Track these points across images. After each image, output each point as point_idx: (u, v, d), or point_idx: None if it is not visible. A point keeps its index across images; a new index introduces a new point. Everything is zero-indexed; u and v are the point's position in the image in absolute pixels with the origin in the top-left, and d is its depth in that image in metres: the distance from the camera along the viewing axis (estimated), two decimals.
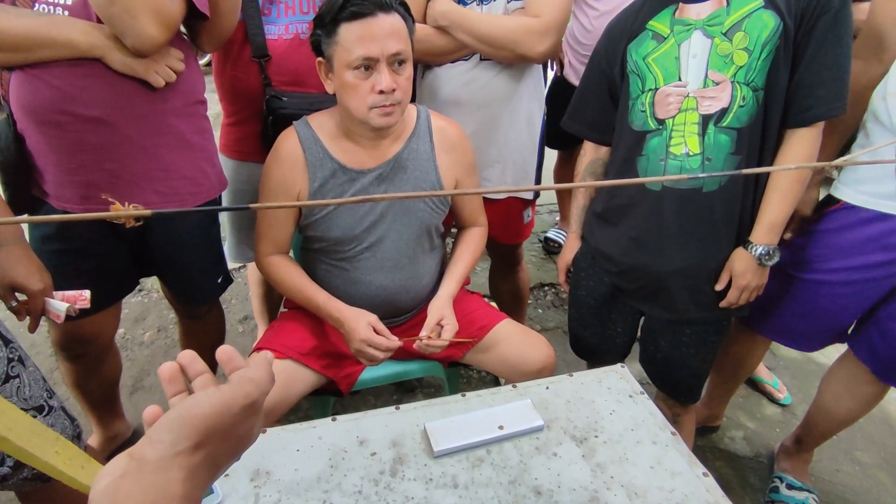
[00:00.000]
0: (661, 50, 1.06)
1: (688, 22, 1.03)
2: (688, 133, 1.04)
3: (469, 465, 0.85)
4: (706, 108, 1.03)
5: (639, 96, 1.09)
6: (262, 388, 0.44)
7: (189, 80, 1.13)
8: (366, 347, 1.14)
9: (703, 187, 1.06)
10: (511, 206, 1.55)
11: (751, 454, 1.71)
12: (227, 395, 0.42)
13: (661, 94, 1.06)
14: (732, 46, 0.99)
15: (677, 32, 1.04)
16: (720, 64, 1.00)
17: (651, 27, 1.07)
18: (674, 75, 1.05)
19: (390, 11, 1.05)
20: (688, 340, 1.20)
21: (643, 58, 1.08)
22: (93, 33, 0.98)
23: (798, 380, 2.04)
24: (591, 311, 1.33)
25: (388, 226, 1.22)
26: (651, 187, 1.10)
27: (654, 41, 1.07)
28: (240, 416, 0.42)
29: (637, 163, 1.11)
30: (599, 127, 1.24)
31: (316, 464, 0.85)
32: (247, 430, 0.44)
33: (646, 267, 1.16)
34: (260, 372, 0.45)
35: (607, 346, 1.36)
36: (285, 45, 1.32)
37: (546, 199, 3.08)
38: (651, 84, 1.07)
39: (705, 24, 1.01)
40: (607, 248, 1.22)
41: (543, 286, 2.49)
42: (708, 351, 1.22)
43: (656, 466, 0.85)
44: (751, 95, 1.00)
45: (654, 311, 1.22)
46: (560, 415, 0.95)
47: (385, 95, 1.06)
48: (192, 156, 1.17)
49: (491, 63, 1.37)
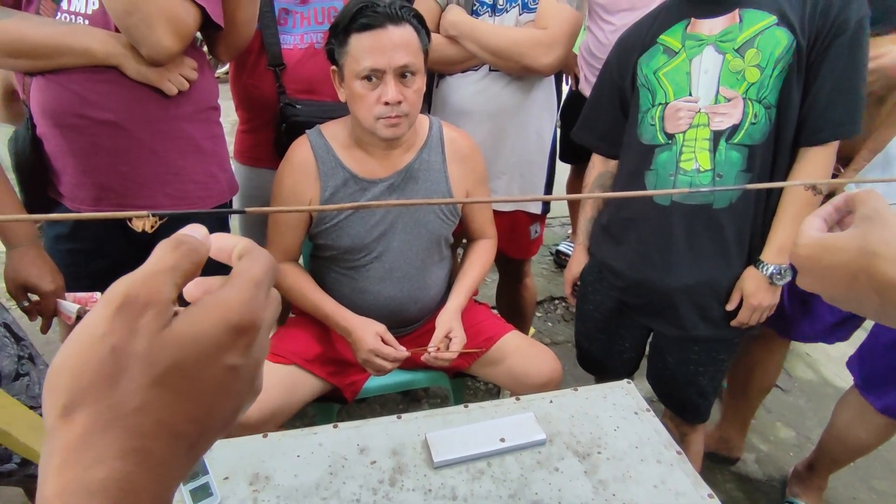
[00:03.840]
0: (672, 64, 1.05)
1: (700, 37, 1.03)
2: (699, 149, 1.04)
3: (469, 478, 0.84)
4: (717, 124, 1.02)
5: (648, 110, 1.09)
6: (247, 308, 0.27)
7: (202, 87, 1.15)
8: (373, 357, 1.14)
9: (712, 204, 1.05)
10: (518, 219, 1.54)
11: (763, 477, 1.67)
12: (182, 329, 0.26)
13: (671, 108, 1.06)
14: (744, 63, 0.98)
15: (689, 47, 1.04)
16: (732, 80, 1.00)
17: (662, 41, 1.07)
18: (684, 90, 1.04)
19: (401, 24, 1.06)
20: (696, 358, 1.18)
21: (654, 71, 1.07)
22: (110, 42, 1.00)
23: (814, 402, 1.98)
24: (598, 325, 1.32)
25: (397, 235, 1.22)
26: (659, 202, 1.09)
27: (666, 55, 1.06)
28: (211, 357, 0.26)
29: (645, 177, 1.10)
30: (609, 139, 1.23)
31: (315, 470, 0.84)
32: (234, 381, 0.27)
33: (652, 282, 1.14)
34: (242, 291, 0.28)
35: (615, 361, 1.34)
36: (300, 55, 1.34)
37: (558, 212, 3.08)
38: (661, 98, 1.07)
39: (717, 40, 1.01)
40: (614, 263, 1.21)
41: (554, 299, 2.47)
42: (717, 369, 1.19)
43: (660, 486, 0.83)
44: (763, 113, 0.99)
45: (661, 327, 1.20)
46: (563, 429, 0.93)
47: (391, 107, 1.07)
48: (203, 160, 1.19)
49: (500, 74, 1.38)
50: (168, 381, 0.25)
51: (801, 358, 2.22)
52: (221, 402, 0.27)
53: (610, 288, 1.26)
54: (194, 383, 0.26)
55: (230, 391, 0.27)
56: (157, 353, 0.25)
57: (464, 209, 1.32)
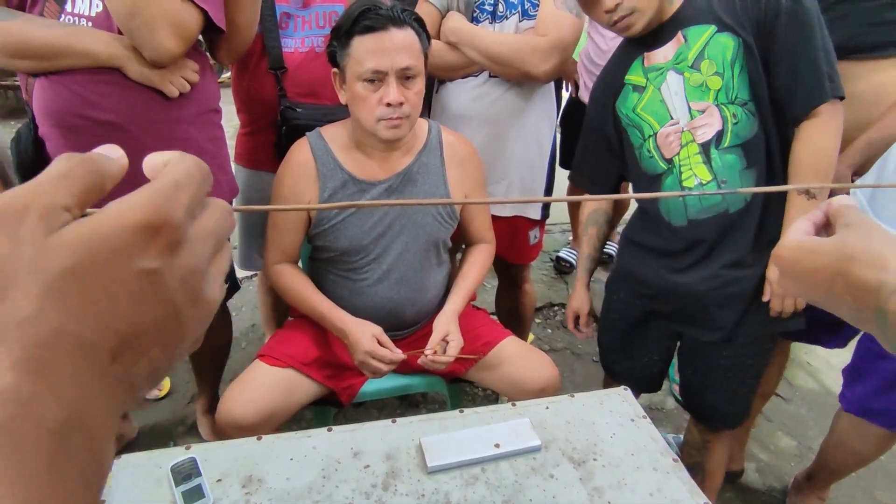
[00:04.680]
0: (644, 99, 1.11)
1: (658, 66, 1.09)
2: (694, 164, 1.08)
3: (463, 483, 0.83)
4: (702, 136, 1.06)
5: (642, 144, 1.13)
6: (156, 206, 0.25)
7: (203, 90, 1.16)
8: (369, 359, 1.13)
9: (728, 209, 1.08)
10: (517, 224, 1.54)
11: (763, 487, 1.65)
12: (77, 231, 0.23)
13: (661, 136, 1.10)
14: (703, 75, 1.03)
15: (652, 79, 1.09)
16: (697, 94, 1.05)
17: (629, 81, 1.13)
18: (665, 117, 1.09)
19: (403, 27, 1.07)
20: (725, 363, 1.17)
21: (632, 110, 1.13)
22: (113, 44, 1.01)
23: (815, 412, 1.97)
24: (624, 335, 1.32)
25: (395, 238, 1.22)
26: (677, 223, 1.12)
27: (636, 93, 1.12)
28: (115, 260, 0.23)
29: (658, 207, 1.14)
30: (600, 182, 1.30)
31: (308, 473, 0.84)
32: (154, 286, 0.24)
33: (681, 288, 1.15)
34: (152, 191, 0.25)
35: (642, 372, 1.33)
36: (301, 58, 1.35)
37: (559, 218, 3.07)
38: (649, 131, 1.11)
39: (674, 64, 1.07)
40: (639, 271, 1.23)
41: (553, 306, 2.46)
42: (748, 374, 1.18)
43: (656, 493, 0.83)
44: (740, 111, 1.03)
45: (693, 332, 1.20)
46: (559, 435, 0.93)
47: (392, 108, 1.08)
48: (204, 162, 1.20)
49: (500, 80, 1.38)
50: (64, 287, 0.22)
51: (801, 367, 2.20)
52: (144, 309, 0.24)
53: (636, 296, 1.26)
54: (98, 289, 0.23)
55: (153, 297, 0.25)
56: (47, 259, 0.22)
57: (462, 213, 1.32)
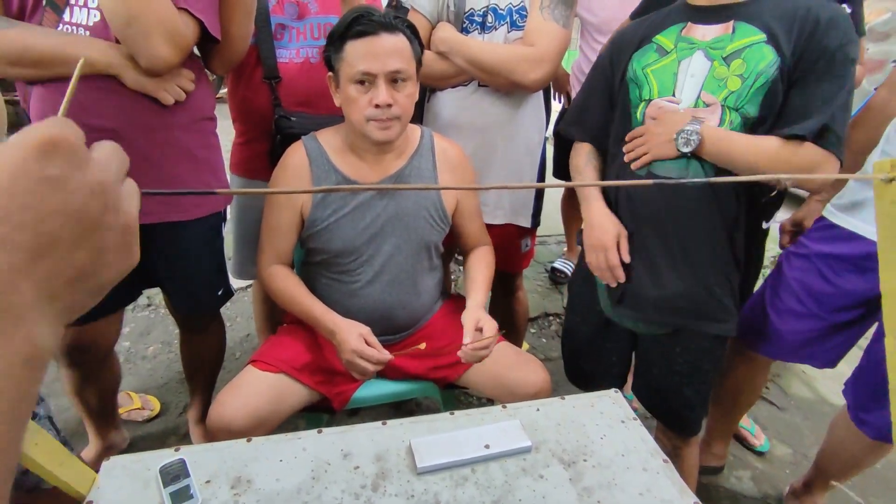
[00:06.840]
0: (661, 63, 1.08)
1: (692, 41, 1.06)
2: None
3: (452, 484, 0.83)
4: None
5: (638, 105, 1.12)
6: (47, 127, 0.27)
7: (198, 98, 1.18)
8: (356, 358, 1.13)
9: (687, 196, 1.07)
10: (508, 232, 1.55)
11: (758, 495, 1.64)
12: None
13: (652, 105, 1.09)
14: (729, 72, 1.01)
15: (680, 49, 1.07)
16: (714, 87, 1.03)
17: (657, 40, 1.11)
18: (667, 90, 1.07)
19: (395, 32, 1.10)
20: (680, 369, 1.18)
21: (643, 67, 1.11)
22: (110, 52, 1.03)
23: (811, 421, 1.97)
24: (585, 336, 1.32)
25: (387, 239, 1.23)
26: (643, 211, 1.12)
27: (657, 54, 1.10)
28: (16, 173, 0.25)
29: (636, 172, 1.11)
30: (600, 135, 1.23)
31: (298, 475, 0.84)
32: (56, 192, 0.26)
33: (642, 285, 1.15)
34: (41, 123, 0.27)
35: (603, 374, 1.33)
36: (296, 69, 1.38)
37: (554, 230, 3.09)
38: (646, 94, 1.10)
39: (708, 47, 1.04)
40: None
41: (548, 315, 2.47)
42: (702, 381, 1.18)
43: (645, 494, 0.83)
44: (738, 121, 1.02)
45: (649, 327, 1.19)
46: (549, 437, 0.93)
47: (381, 109, 1.10)
48: (198, 169, 1.21)
49: (489, 90, 1.41)
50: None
51: (797, 376, 2.21)
52: (53, 211, 0.26)
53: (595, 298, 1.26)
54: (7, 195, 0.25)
55: (62, 202, 0.26)
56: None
57: (456, 219, 1.33)
